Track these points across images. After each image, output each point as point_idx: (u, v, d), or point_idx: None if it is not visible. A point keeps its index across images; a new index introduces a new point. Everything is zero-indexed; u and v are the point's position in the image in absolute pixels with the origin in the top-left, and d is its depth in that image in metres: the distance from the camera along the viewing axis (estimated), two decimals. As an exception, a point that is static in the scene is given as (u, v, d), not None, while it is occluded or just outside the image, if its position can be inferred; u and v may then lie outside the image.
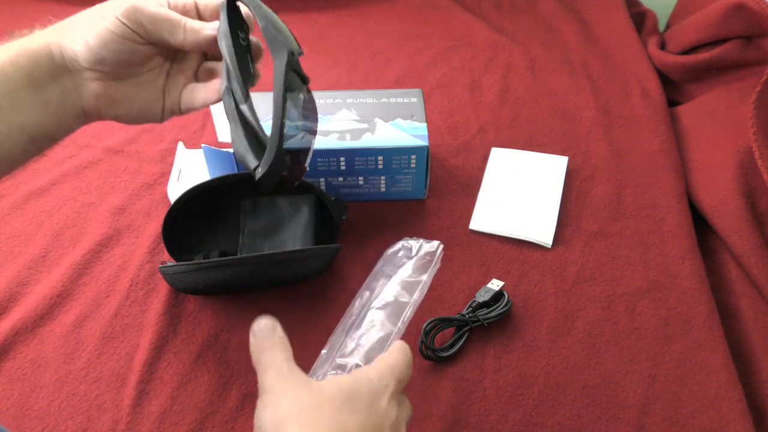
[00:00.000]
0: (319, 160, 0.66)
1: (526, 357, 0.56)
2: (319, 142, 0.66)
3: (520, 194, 0.71)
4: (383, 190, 0.69)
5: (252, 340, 0.40)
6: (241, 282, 0.57)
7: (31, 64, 0.40)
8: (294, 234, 0.63)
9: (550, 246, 0.65)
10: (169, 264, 0.58)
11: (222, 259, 0.56)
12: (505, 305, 0.58)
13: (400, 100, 0.71)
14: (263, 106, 0.70)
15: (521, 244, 0.66)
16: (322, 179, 0.68)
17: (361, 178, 0.68)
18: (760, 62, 0.74)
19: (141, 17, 0.41)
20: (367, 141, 0.66)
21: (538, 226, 0.67)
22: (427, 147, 0.66)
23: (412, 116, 0.68)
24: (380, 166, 0.67)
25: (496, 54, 0.93)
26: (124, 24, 0.40)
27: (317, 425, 0.35)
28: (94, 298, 0.60)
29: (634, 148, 0.77)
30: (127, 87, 0.44)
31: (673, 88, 0.87)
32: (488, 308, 0.58)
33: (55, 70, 0.41)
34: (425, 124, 0.68)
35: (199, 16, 0.44)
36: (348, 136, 0.66)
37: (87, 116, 0.45)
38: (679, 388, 0.54)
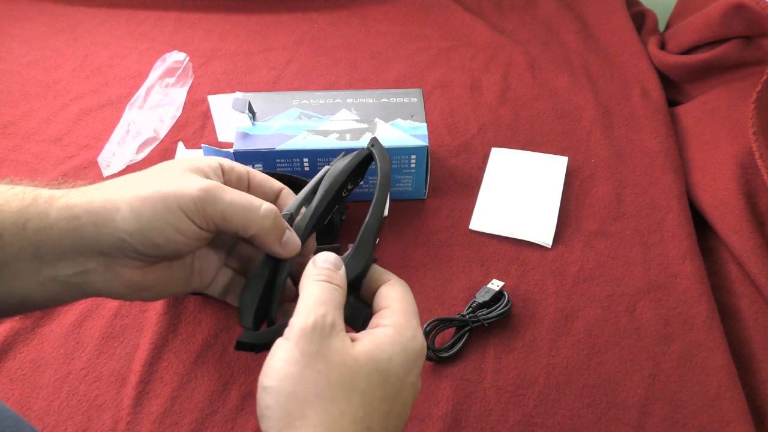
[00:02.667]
0: (319, 160, 0.66)
1: (526, 357, 0.56)
2: (319, 142, 0.66)
3: (520, 194, 0.71)
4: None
5: (311, 268, 0.35)
6: (241, 282, 0.57)
7: (45, 235, 0.33)
8: (294, 234, 0.62)
9: (550, 246, 0.65)
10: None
11: (222, 259, 0.56)
12: (505, 305, 0.58)
13: (400, 100, 0.71)
14: (265, 106, 0.70)
15: (521, 244, 0.66)
16: (322, 179, 0.68)
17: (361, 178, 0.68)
18: (760, 62, 0.74)
19: (211, 211, 0.34)
20: (367, 141, 0.66)
21: (538, 226, 0.67)
22: (427, 147, 0.66)
23: (412, 116, 0.68)
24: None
25: (496, 54, 0.93)
26: (189, 219, 0.34)
27: (343, 414, 0.31)
28: (94, 298, 0.60)
29: (634, 148, 0.77)
30: (160, 270, 0.37)
31: (673, 88, 0.87)
32: (488, 308, 0.58)
33: (75, 250, 0.33)
34: (425, 124, 0.68)
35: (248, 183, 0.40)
36: (348, 136, 0.66)
37: (98, 295, 0.37)
38: (679, 388, 0.54)
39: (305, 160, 0.66)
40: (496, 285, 0.60)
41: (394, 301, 0.36)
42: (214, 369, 0.55)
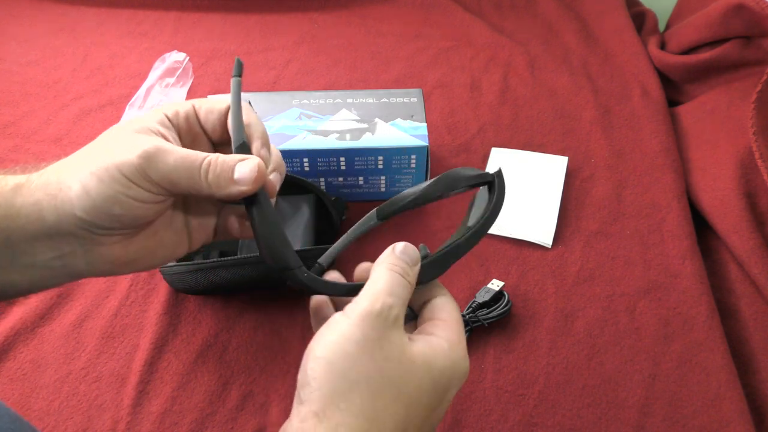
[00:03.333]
0: (319, 160, 0.66)
1: (526, 357, 0.56)
2: (319, 142, 0.66)
3: (520, 194, 0.71)
4: (383, 190, 0.69)
5: (389, 254, 0.35)
6: (241, 282, 0.57)
7: (14, 226, 0.33)
8: (294, 234, 0.63)
9: (550, 246, 0.65)
10: (169, 264, 0.58)
11: (222, 259, 0.56)
12: (505, 305, 0.58)
13: (400, 100, 0.71)
14: (265, 106, 0.70)
15: (521, 244, 0.66)
16: (322, 179, 0.68)
17: (361, 178, 0.68)
18: (760, 62, 0.74)
19: (155, 176, 0.33)
20: (367, 141, 0.66)
21: (538, 226, 0.67)
22: (427, 147, 0.66)
23: (412, 116, 0.68)
24: (380, 166, 0.67)
25: (496, 54, 0.93)
26: (137, 185, 0.33)
27: (386, 409, 0.31)
28: (94, 298, 0.60)
29: (634, 148, 0.77)
30: (142, 240, 0.36)
31: (673, 88, 0.87)
32: (488, 308, 0.58)
33: (45, 235, 0.33)
34: (425, 124, 0.68)
35: (200, 125, 0.39)
36: (348, 136, 0.66)
37: (84, 276, 0.37)
38: (679, 388, 0.54)
39: (305, 160, 0.66)
40: (496, 285, 0.60)
41: (449, 316, 0.36)
42: (214, 369, 0.55)
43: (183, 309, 0.59)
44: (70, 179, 0.33)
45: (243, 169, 0.34)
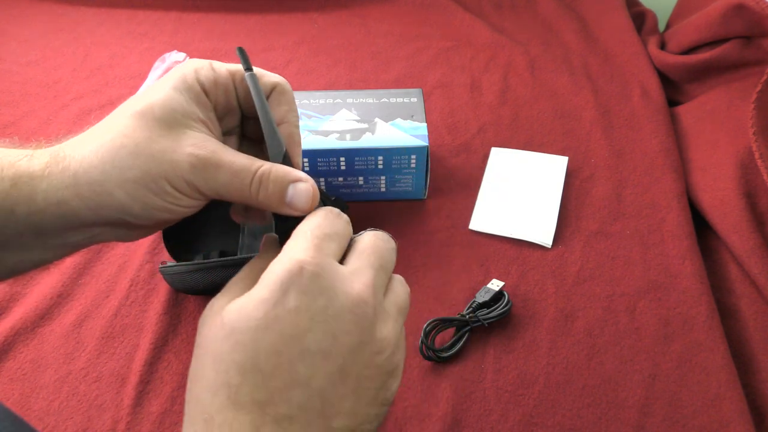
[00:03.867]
0: (319, 160, 0.66)
1: (526, 357, 0.56)
2: (319, 142, 0.66)
3: (520, 194, 0.71)
4: (383, 190, 0.69)
5: None
6: (241, 282, 0.57)
7: (39, 218, 0.32)
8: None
9: (550, 246, 0.65)
10: (169, 264, 0.58)
11: (222, 259, 0.56)
12: (505, 305, 0.58)
13: (400, 100, 0.71)
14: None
15: (521, 244, 0.66)
16: (322, 179, 0.68)
17: (361, 178, 0.68)
18: (760, 62, 0.74)
19: (206, 189, 0.32)
20: (367, 141, 0.66)
21: (538, 226, 0.67)
22: (427, 147, 0.66)
23: (412, 116, 0.68)
24: (380, 166, 0.67)
25: (496, 54, 0.93)
26: (185, 195, 0.32)
27: (201, 388, 0.28)
28: (94, 298, 0.60)
29: (634, 148, 0.77)
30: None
31: (673, 88, 0.87)
32: (488, 308, 0.58)
33: (80, 225, 0.33)
34: (425, 124, 0.68)
35: (236, 97, 0.36)
36: (348, 136, 0.66)
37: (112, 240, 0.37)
38: (679, 388, 0.54)
39: (305, 160, 0.66)
40: (496, 285, 0.60)
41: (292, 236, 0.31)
42: (214, 369, 0.55)
43: (183, 309, 0.59)
44: (107, 183, 0.31)
45: (297, 194, 0.33)
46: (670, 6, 0.99)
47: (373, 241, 0.32)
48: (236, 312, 0.28)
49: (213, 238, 0.64)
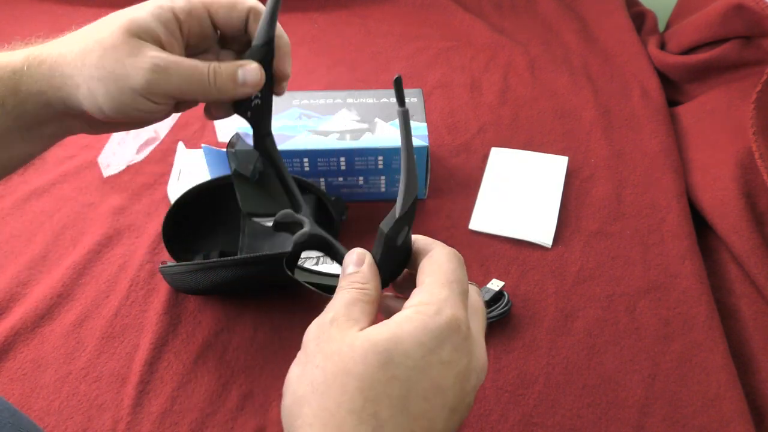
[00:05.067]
0: (319, 160, 0.66)
1: (526, 357, 0.56)
2: (319, 142, 0.66)
3: (520, 194, 0.71)
4: (383, 190, 0.70)
5: (341, 278, 0.34)
6: (241, 282, 0.57)
7: (22, 109, 0.37)
8: (294, 234, 0.62)
9: (550, 246, 0.65)
10: (169, 264, 0.58)
11: (222, 259, 0.56)
12: (505, 305, 0.58)
13: (400, 100, 0.71)
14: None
15: (521, 244, 0.66)
16: (322, 179, 0.68)
17: (361, 178, 0.68)
18: (760, 62, 0.74)
19: (165, 91, 0.37)
20: (367, 141, 0.66)
21: (538, 226, 0.67)
22: (427, 147, 0.66)
23: (412, 116, 0.68)
24: (380, 166, 0.67)
25: (496, 54, 0.93)
26: (146, 99, 0.37)
27: (339, 405, 0.27)
28: (94, 298, 0.60)
29: (634, 148, 0.77)
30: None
31: (673, 88, 0.87)
32: (488, 308, 0.58)
33: (54, 116, 0.38)
34: (425, 124, 0.68)
35: (212, 20, 0.40)
36: (348, 136, 0.66)
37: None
38: (679, 388, 0.54)
39: (305, 160, 0.66)
40: (496, 285, 0.60)
41: (426, 277, 0.32)
42: (214, 369, 0.55)
43: (183, 309, 0.59)
44: (77, 77, 0.36)
45: (247, 73, 0.39)
46: (670, 6, 0.99)
47: (481, 304, 0.35)
48: (392, 344, 0.28)
49: (213, 238, 0.64)
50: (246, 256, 0.57)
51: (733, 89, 0.76)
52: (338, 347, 0.29)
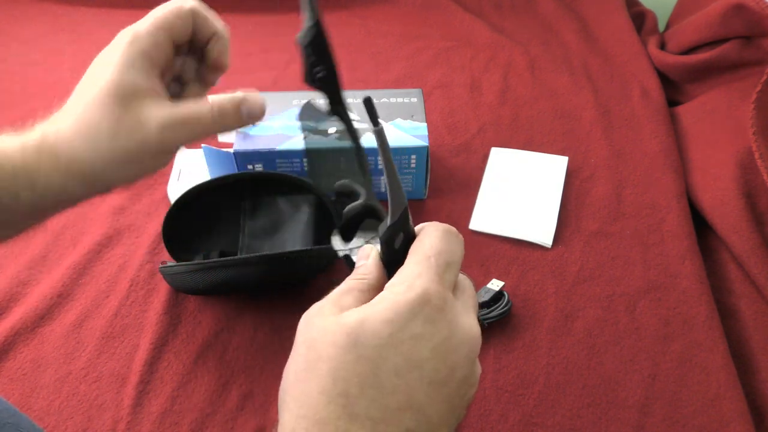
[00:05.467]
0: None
1: (526, 357, 0.56)
2: (319, 143, 0.66)
3: (520, 194, 0.71)
4: (383, 190, 0.69)
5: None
6: (241, 282, 0.57)
7: (40, 202, 0.38)
8: (294, 234, 0.63)
9: (550, 246, 0.65)
10: (169, 264, 0.58)
11: (222, 259, 0.56)
12: (505, 305, 0.58)
13: (400, 100, 0.71)
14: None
15: (521, 244, 0.66)
16: (322, 179, 0.68)
17: (361, 178, 0.68)
18: (760, 62, 0.74)
19: (178, 143, 0.38)
20: (367, 141, 0.66)
21: (538, 226, 0.67)
22: (427, 147, 0.66)
23: (412, 116, 0.68)
24: (380, 166, 0.67)
25: (496, 54, 0.93)
26: (154, 162, 0.39)
27: (312, 388, 0.28)
28: (94, 298, 0.60)
29: (634, 148, 0.77)
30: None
31: (673, 88, 0.87)
32: (488, 308, 0.58)
33: (73, 199, 0.39)
34: (425, 124, 0.68)
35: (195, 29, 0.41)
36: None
37: None
38: (679, 388, 0.54)
39: (305, 160, 0.66)
40: (496, 285, 0.60)
41: (408, 257, 0.33)
42: (214, 369, 0.55)
43: (183, 309, 0.59)
44: (96, 165, 0.37)
45: (250, 106, 0.42)
46: (670, 6, 0.99)
47: (469, 284, 0.34)
48: (359, 325, 0.29)
49: (213, 238, 0.64)
50: (246, 256, 0.57)
51: (733, 89, 0.76)
52: (315, 334, 0.30)
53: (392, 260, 0.35)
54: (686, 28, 0.85)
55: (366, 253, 0.35)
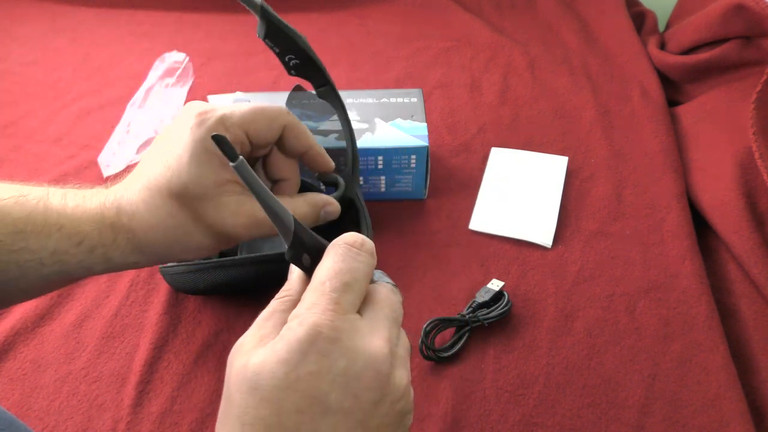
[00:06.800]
0: (319, 160, 0.66)
1: (526, 357, 0.56)
2: (319, 143, 0.65)
3: (520, 194, 0.71)
4: (383, 190, 0.69)
5: None
6: (241, 282, 0.57)
7: (111, 270, 0.40)
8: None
9: (550, 246, 0.65)
10: (169, 264, 0.58)
11: (222, 259, 0.56)
12: (505, 305, 0.58)
13: (400, 100, 0.71)
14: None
15: (521, 244, 0.66)
16: (322, 179, 0.68)
17: (361, 178, 0.68)
18: (760, 62, 0.74)
19: (251, 238, 0.40)
20: (367, 141, 0.66)
21: (538, 226, 0.67)
22: (427, 147, 0.66)
23: (412, 116, 0.68)
24: (380, 166, 0.67)
25: (496, 54, 0.93)
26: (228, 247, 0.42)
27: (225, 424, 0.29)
28: (94, 298, 0.60)
29: (634, 148, 0.77)
30: None
31: (673, 88, 0.87)
32: (488, 308, 0.58)
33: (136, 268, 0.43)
34: (425, 124, 0.68)
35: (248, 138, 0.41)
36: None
37: None
38: (679, 388, 0.54)
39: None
40: (496, 285, 0.60)
41: (310, 282, 0.32)
42: (214, 369, 0.55)
43: (183, 309, 0.59)
44: (170, 254, 0.40)
45: (327, 211, 0.43)
46: (670, 6, 0.99)
47: (386, 294, 0.34)
48: (259, 366, 0.29)
49: (213, 238, 0.64)
50: (246, 256, 0.57)
51: (733, 89, 0.76)
52: (231, 376, 0.30)
53: (311, 275, 0.34)
54: (686, 28, 0.85)
55: (291, 269, 0.35)
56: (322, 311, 0.30)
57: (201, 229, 0.39)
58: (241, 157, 0.28)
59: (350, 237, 0.33)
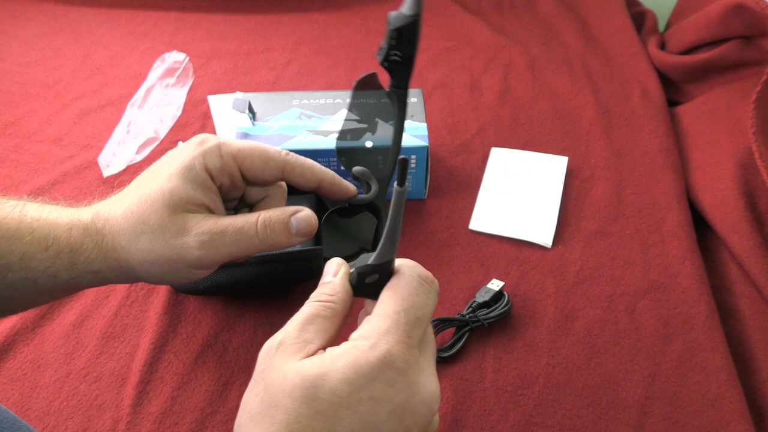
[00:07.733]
0: (319, 160, 0.66)
1: (526, 357, 0.56)
2: (319, 142, 0.66)
3: (520, 194, 0.71)
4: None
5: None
6: (242, 282, 0.57)
7: (76, 281, 0.39)
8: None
9: (550, 246, 0.65)
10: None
11: (222, 259, 0.56)
12: (505, 305, 0.58)
13: (400, 100, 0.71)
14: (265, 106, 0.70)
15: (521, 244, 0.66)
16: (322, 179, 0.68)
17: (361, 178, 0.68)
18: (760, 62, 0.74)
19: (217, 257, 0.39)
20: (366, 141, 0.66)
21: (538, 226, 0.67)
22: (427, 147, 0.66)
23: (412, 116, 0.68)
24: (380, 167, 0.67)
25: (496, 54, 0.93)
26: (201, 269, 0.39)
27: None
28: (94, 298, 0.60)
29: (634, 148, 0.77)
30: None
31: (673, 88, 0.87)
32: (488, 308, 0.58)
33: (101, 283, 0.40)
34: (425, 124, 0.68)
35: (242, 172, 0.41)
36: (348, 136, 0.66)
37: None
38: (679, 388, 0.54)
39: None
40: (496, 285, 0.60)
41: (378, 306, 0.32)
42: (214, 369, 0.55)
43: (183, 309, 0.59)
44: (131, 260, 0.38)
45: (300, 222, 0.40)
46: (670, 6, 0.99)
47: (431, 332, 0.35)
48: (319, 379, 0.29)
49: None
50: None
51: (733, 89, 0.76)
52: (274, 378, 0.30)
53: (361, 288, 0.34)
54: (686, 28, 0.85)
55: (334, 270, 0.35)
56: (396, 341, 0.30)
57: (166, 235, 0.38)
58: (408, 185, 0.30)
59: (422, 271, 0.34)
